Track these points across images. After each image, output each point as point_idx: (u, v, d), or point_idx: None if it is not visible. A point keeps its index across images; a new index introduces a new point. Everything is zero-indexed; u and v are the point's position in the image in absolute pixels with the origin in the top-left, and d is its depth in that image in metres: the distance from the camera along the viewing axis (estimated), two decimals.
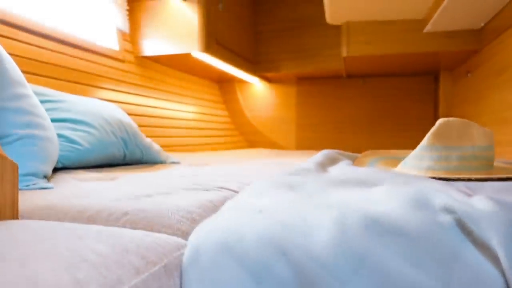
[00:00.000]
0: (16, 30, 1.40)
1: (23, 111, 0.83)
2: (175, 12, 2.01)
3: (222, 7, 2.19)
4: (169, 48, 2.03)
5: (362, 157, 1.18)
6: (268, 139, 3.07)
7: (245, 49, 2.55)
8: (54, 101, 1.23)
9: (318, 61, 2.59)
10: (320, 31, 2.60)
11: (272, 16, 2.73)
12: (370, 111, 2.83)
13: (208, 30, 2.02)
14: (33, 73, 1.44)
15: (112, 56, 1.91)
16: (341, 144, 2.87)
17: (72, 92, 1.61)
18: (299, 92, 2.98)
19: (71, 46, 1.65)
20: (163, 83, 2.33)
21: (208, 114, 2.79)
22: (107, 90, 1.83)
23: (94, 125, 1.19)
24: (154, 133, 2.10)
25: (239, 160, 1.86)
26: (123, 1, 2.01)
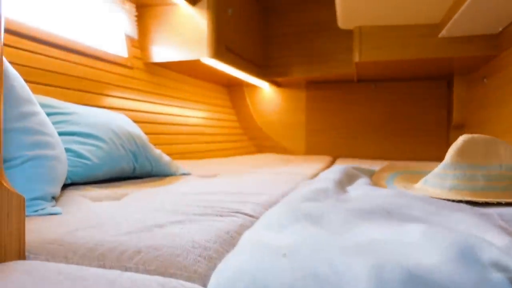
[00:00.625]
0: (23, 39, 1.37)
1: (31, 131, 0.80)
2: (184, 18, 1.98)
3: (231, 12, 2.15)
4: (178, 55, 2.00)
5: (380, 172, 1.13)
6: (277, 144, 3.03)
7: (254, 53, 2.51)
8: (62, 114, 1.20)
9: (329, 66, 2.54)
10: (331, 35, 2.55)
11: (282, 20, 2.69)
12: (381, 116, 2.77)
13: (217, 36, 1.98)
14: (41, 83, 1.42)
15: (120, 63, 1.88)
16: (351, 150, 2.82)
17: (80, 101, 1.58)
18: (308, 96, 2.94)
19: (79, 54, 1.63)
20: (172, 89, 2.30)
21: (217, 119, 2.76)
22: (116, 98, 1.81)
23: (103, 139, 1.16)
24: (163, 141, 2.07)
25: (250, 169, 1.82)
26: (132, 7, 1.98)
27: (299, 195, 0.76)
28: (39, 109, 0.90)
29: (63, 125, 1.17)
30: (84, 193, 0.98)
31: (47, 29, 1.47)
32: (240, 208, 0.80)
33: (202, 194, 0.98)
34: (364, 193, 0.82)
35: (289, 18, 2.68)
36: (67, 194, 0.95)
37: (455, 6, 1.68)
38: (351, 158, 2.77)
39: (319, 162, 2.36)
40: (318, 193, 0.79)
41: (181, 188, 1.09)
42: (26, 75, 1.35)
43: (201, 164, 1.94)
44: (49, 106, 1.20)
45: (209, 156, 2.45)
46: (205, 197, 0.94)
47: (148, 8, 2.04)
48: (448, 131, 2.68)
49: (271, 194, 1.00)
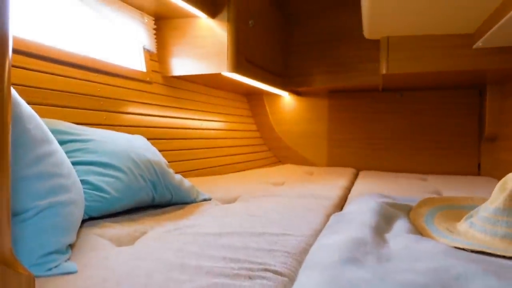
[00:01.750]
0: (37, 60, 1.33)
1: (46, 175, 0.75)
2: (204, 31, 1.92)
3: (252, 23, 2.08)
4: (198, 68, 1.94)
5: (418, 208, 1.04)
6: (297, 155, 2.94)
7: (275, 63, 2.43)
8: (80, 141, 1.16)
9: (352, 75, 2.44)
10: (354, 43, 2.45)
11: (303, 28, 2.60)
12: (407, 127, 2.65)
13: (237, 49, 1.91)
14: (58, 105, 1.38)
15: (139, 78, 1.84)
16: (375, 162, 2.71)
17: (98, 121, 1.54)
18: (331, 105, 2.84)
19: (97, 72, 1.58)
20: (191, 101, 2.25)
21: (237, 130, 2.70)
22: (135, 115, 1.76)
23: (122, 169, 1.11)
24: (183, 156, 2.02)
25: (271, 188, 1.75)
26: (150, 20, 1.94)
27: (336, 252, 0.68)
28: (55, 146, 0.85)
29: (80, 153, 1.12)
30: (102, 232, 0.92)
31: (62, 47, 1.43)
32: (269, 262, 0.73)
33: (225, 235, 0.91)
34: (407, 246, 0.74)
35: (311, 26, 2.58)
36: (84, 234, 0.90)
37: (495, 17, 1.56)
38: (375, 170, 2.67)
39: (342, 176, 2.27)
40: (357, 247, 0.71)
41: (202, 224, 1.03)
42: (42, 98, 1.31)
43: (221, 182, 1.88)
44: (65, 133, 1.16)
45: (230, 170, 2.39)
46: (229, 240, 0.87)
47: (167, 21, 1.99)
48: (479, 143, 2.54)
49: (301, 236, 0.92)
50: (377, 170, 2.67)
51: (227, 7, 1.88)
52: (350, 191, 1.90)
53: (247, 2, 2.02)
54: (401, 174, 2.47)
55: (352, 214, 0.99)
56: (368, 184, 1.95)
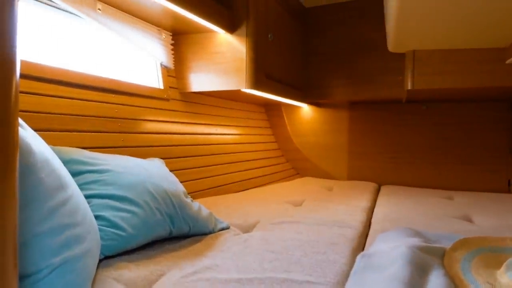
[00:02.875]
0: (54, 85, 1.31)
1: (60, 229, 0.71)
2: (222, 46, 1.87)
3: (271, 37, 2.02)
4: (217, 84, 1.90)
5: (452, 251, 0.97)
6: (317, 167, 2.87)
7: (294, 76, 2.37)
8: (97, 171, 1.13)
9: (375, 88, 2.35)
10: (377, 55, 2.36)
11: (324, 38, 2.52)
12: (432, 140, 2.55)
13: (257, 64, 1.86)
14: (76, 130, 1.35)
15: (156, 96, 1.81)
16: (397, 176, 2.62)
17: (115, 143, 1.51)
18: (351, 116, 2.75)
19: (113, 92, 1.56)
20: (208, 115, 2.21)
21: (255, 143, 2.65)
22: (152, 134, 1.73)
23: (138, 203, 1.07)
24: (201, 174, 1.99)
25: (290, 210, 1.69)
26: (168, 35, 1.90)
27: None
28: (71, 190, 0.82)
29: (96, 186, 1.09)
30: (118, 275, 0.89)
31: (78, 69, 1.41)
32: None
33: (246, 283, 0.87)
34: None
35: (331, 37, 2.50)
36: (100, 278, 0.87)
37: None
38: (397, 185, 2.58)
39: (364, 194, 2.20)
40: None
41: (221, 265, 0.98)
42: (58, 124, 1.29)
43: (240, 202, 1.83)
44: (82, 163, 1.13)
45: (248, 185, 2.34)
46: None
47: (185, 36, 1.95)
48: (508, 159, 2.42)
49: (325, 284, 0.87)
50: (399, 184, 2.58)
51: (245, 22, 1.83)
52: (373, 212, 1.83)
53: (266, 15, 1.97)
54: (425, 190, 2.38)
55: (381, 260, 0.93)
56: (391, 205, 1.87)
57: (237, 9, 1.85)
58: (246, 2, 1.83)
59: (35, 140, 0.80)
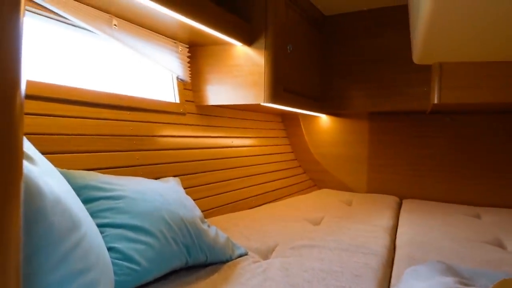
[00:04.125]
0: (67, 105, 1.28)
1: (72, 276, 0.67)
2: (240, 59, 1.82)
3: (290, 48, 1.95)
4: (234, 98, 1.84)
5: None
6: (335, 179, 2.79)
7: (313, 87, 2.30)
8: (111, 198, 1.08)
9: (397, 100, 2.26)
10: (399, 65, 2.26)
11: (343, 48, 2.44)
12: (457, 153, 2.43)
13: (275, 78, 1.80)
14: (89, 150, 1.32)
15: (172, 110, 1.76)
16: (419, 189, 2.52)
17: (131, 162, 1.47)
18: (371, 127, 2.66)
19: (129, 110, 1.52)
20: (225, 128, 2.16)
21: (272, 154, 2.58)
22: (168, 150, 1.69)
23: (154, 233, 1.03)
24: (217, 189, 1.93)
25: (309, 230, 1.62)
26: (184, 48, 1.86)
27: None
28: (83, 229, 0.77)
29: (110, 214, 1.05)
30: None
31: (92, 88, 1.37)
32: None
33: None
34: None
35: (351, 46, 2.42)
36: None
37: None
38: (419, 199, 2.48)
39: (385, 210, 2.11)
40: None
41: None
42: (73, 145, 1.26)
43: (256, 220, 1.77)
44: (96, 188, 1.09)
45: (265, 199, 2.28)
46: None
47: (201, 48, 1.91)
48: None
49: None
50: (421, 198, 2.48)
51: (264, 34, 1.78)
52: (397, 231, 1.75)
53: (285, 27, 1.90)
54: (449, 205, 2.28)
55: None
56: (415, 225, 1.78)
57: (256, 20, 1.79)
58: (264, 14, 1.78)
59: (45, 177, 0.75)
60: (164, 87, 1.82)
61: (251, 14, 1.80)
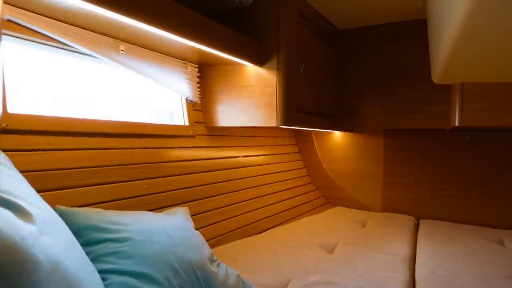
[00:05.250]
0: (71, 137, 1.23)
1: None
2: (251, 80, 1.76)
3: (303, 68, 1.88)
4: (245, 120, 1.78)
5: None
6: (348, 196, 2.70)
7: (326, 104, 2.22)
8: (116, 241, 1.03)
9: (415, 118, 2.16)
10: (417, 82, 2.16)
11: (357, 62, 2.35)
12: (478, 172, 2.32)
13: (287, 99, 1.73)
14: (96, 183, 1.27)
15: (181, 134, 1.71)
16: (436, 209, 2.41)
17: (138, 192, 1.42)
18: (387, 144, 2.57)
19: (136, 136, 1.47)
20: (235, 148, 2.10)
21: (283, 171, 2.52)
22: (176, 176, 1.64)
23: (159, 281, 0.97)
24: (227, 214, 1.88)
25: (324, 264, 1.55)
26: (193, 68, 1.80)
27: None
28: None
29: (113, 259, 0.99)
30: None
31: (97, 117, 1.32)
32: None
33: None
34: None
35: (366, 61, 2.33)
36: None
37: None
38: (437, 219, 2.38)
39: (402, 232, 2.03)
40: None
41: None
42: (76, 179, 1.21)
43: (268, 248, 1.70)
44: (100, 230, 1.04)
45: (276, 221, 2.21)
46: None
47: (211, 67, 1.85)
48: None
49: None
50: (439, 219, 2.38)
51: (276, 54, 1.71)
52: (415, 261, 1.66)
53: (297, 46, 1.83)
54: (469, 228, 2.17)
55: None
56: (435, 256, 1.69)
57: (267, 40, 1.73)
58: (276, 34, 1.71)
59: (43, 236, 0.70)
60: (174, 110, 1.77)
61: (263, 33, 1.73)
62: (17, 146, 1.06)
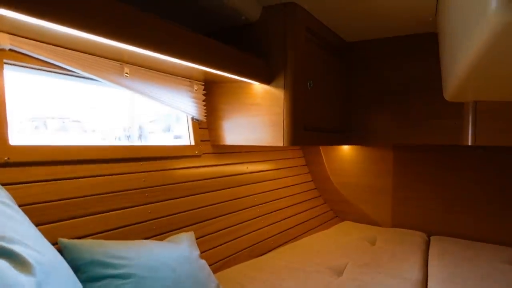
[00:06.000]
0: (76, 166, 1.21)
1: None
2: (258, 98, 1.72)
3: (311, 85, 1.84)
4: (252, 139, 1.74)
5: None
6: (358, 210, 2.65)
7: (335, 120, 2.17)
8: (118, 277, 1.01)
9: (427, 132, 2.10)
10: (428, 96, 2.10)
11: (366, 76, 2.29)
12: (490, 187, 2.25)
13: (295, 118, 1.69)
14: (100, 211, 1.25)
15: (187, 154, 1.68)
16: (448, 225, 2.35)
17: (143, 217, 1.40)
18: (396, 157, 2.51)
19: (141, 160, 1.44)
20: (242, 164, 2.06)
21: (291, 186, 2.47)
22: (182, 198, 1.61)
23: None
24: (235, 234, 1.85)
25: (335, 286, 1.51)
26: (200, 86, 1.77)
27: None
28: None
29: None
30: None
31: (98, 143, 1.30)
32: None
33: None
34: None
35: (376, 75, 2.27)
36: None
37: None
38: (449, 236, 2.32)
39: (413, 251, 1.98)
40: None
41: None
42: (81, 209, 1.19)
43: (276, 272, 1.67)
44: (103, 265, 1.02)
45: (284, 239, 2.17)
46: None
47: (218, 85, 1.82)
48: None
49: None
50: (450, 235, 2.32)
51: (283, 72, 1.67)
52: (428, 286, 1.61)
53: (305, 62, 1.79)
54: (482, 246, 2.11)
55: None
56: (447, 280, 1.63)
57: (274, 58, 1.69)
58: (284, 51, 1.67)
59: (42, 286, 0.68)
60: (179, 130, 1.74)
61: (270, 50, 1.70)
62: (19, 179, 1.04)
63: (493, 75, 1.32)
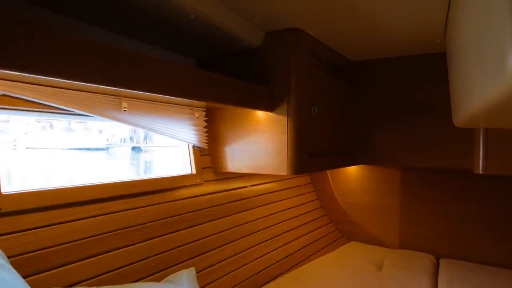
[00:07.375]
0: (71, 208, 1.17)
1: None
2: (261, 125, 1.68)
3: (315, 111, 1.79)
4: (254, 167, 1.69)
5: None
6: (364, 231, 2.59)
7: (341, 142, 2.11)
8: None
9: (435, 155, 2.03)
10: (437, 118, 2.04)
11: (374, 97, 2.23)
12: (501, 210, 2.18)
13: (299, 145, 1.64)
14: (98, 253, 1.21)
15: (187, 184, 1.64)
16: (457, 248, 2.28)
17: (142, 255, 1.36)
18: (404, 177, 2.45)
19: (139, 195, 1.41)
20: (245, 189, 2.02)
21: (296, 206, 2.43)
22: (182, 231, 1.57)
23: None
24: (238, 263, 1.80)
25: None
26: (201, 113, 1.73)
27: None
28: None
29: None
30: None
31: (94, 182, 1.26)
32: None
33: None
34: None
35: (382, 95, 2.20)
36: None
37: None
38: (457, 259, 2.25)
39: (422, 277, 1.92)
40: None
41: None
42: (77, 253, 1.16)
43: None
44: None
45: (289, 264, 2.12)
46: None
47: (220, 111, 1.78)
48: None
49: None
50: (460, 258, 2.25)
51: (287, 100, 1.62)
52: None
53: (309, 88, 1.74)
54: (493, 271, 2.04)
55: None
56: None
57: (278, 84, 1.64)
58: (287, 77, 1.62)
59: None
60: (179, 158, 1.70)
61: (273, 76, 1.65)
62: (11, 228, 1.00)
63: (509, 112, 1.26)
